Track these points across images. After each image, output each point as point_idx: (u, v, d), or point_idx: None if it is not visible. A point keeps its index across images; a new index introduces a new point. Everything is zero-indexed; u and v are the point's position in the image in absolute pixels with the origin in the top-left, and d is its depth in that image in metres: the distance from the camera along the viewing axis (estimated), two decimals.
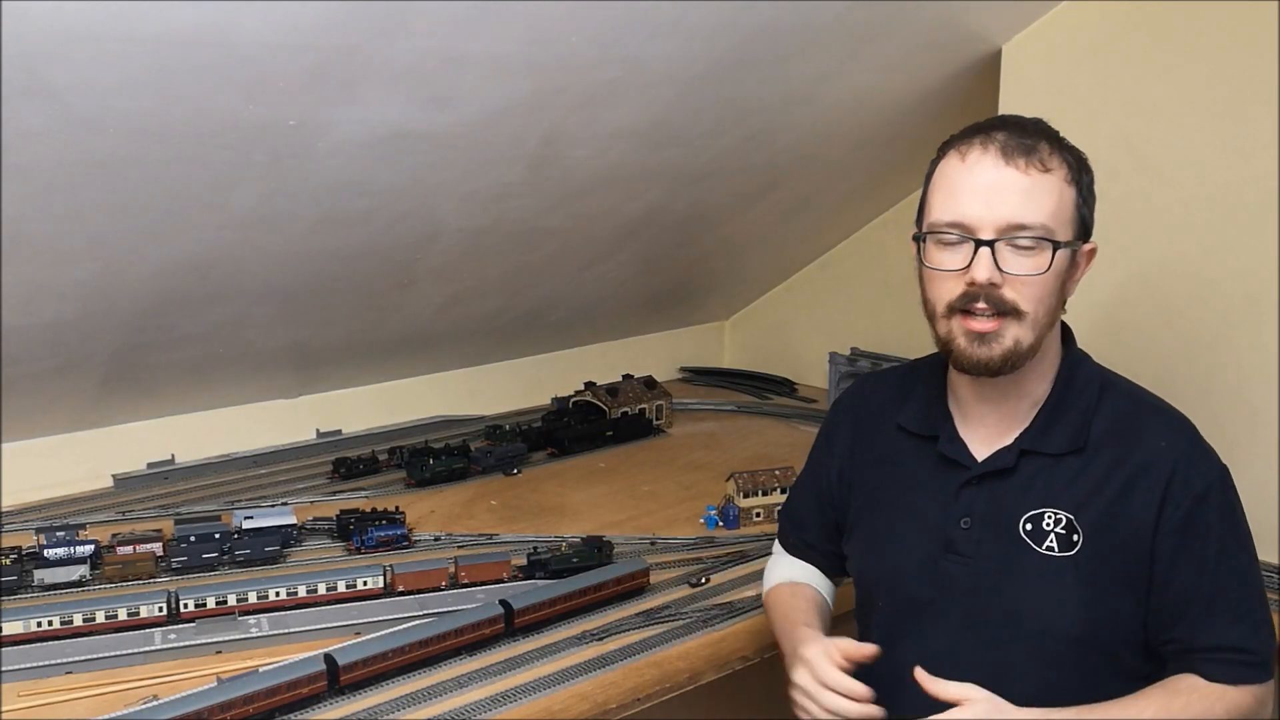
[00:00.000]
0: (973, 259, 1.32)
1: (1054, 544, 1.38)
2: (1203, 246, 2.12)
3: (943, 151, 1.40)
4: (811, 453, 1.72)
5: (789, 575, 1.70)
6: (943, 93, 2.52)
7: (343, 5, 1.54)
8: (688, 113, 2.21)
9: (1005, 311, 1.33)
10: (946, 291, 1.36)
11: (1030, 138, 1.35)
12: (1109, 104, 2.21)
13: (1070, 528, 1.38)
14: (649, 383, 3.04)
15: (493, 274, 2.58)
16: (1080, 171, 1.38)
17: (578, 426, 2.83)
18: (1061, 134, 1.40)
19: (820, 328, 3.33)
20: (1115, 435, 1.40)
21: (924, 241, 1.39)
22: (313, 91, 1.69)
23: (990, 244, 1.32)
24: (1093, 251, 1.41)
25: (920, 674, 1.32)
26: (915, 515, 1.49)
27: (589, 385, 2.99)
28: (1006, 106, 2.35)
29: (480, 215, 2.29)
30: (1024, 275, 1.32)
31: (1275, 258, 2.02)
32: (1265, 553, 2.00)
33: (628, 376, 3.07)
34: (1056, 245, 1.33)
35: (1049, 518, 1.39)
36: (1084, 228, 1.39)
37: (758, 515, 2.30)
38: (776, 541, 1.79)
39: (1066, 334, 1.49)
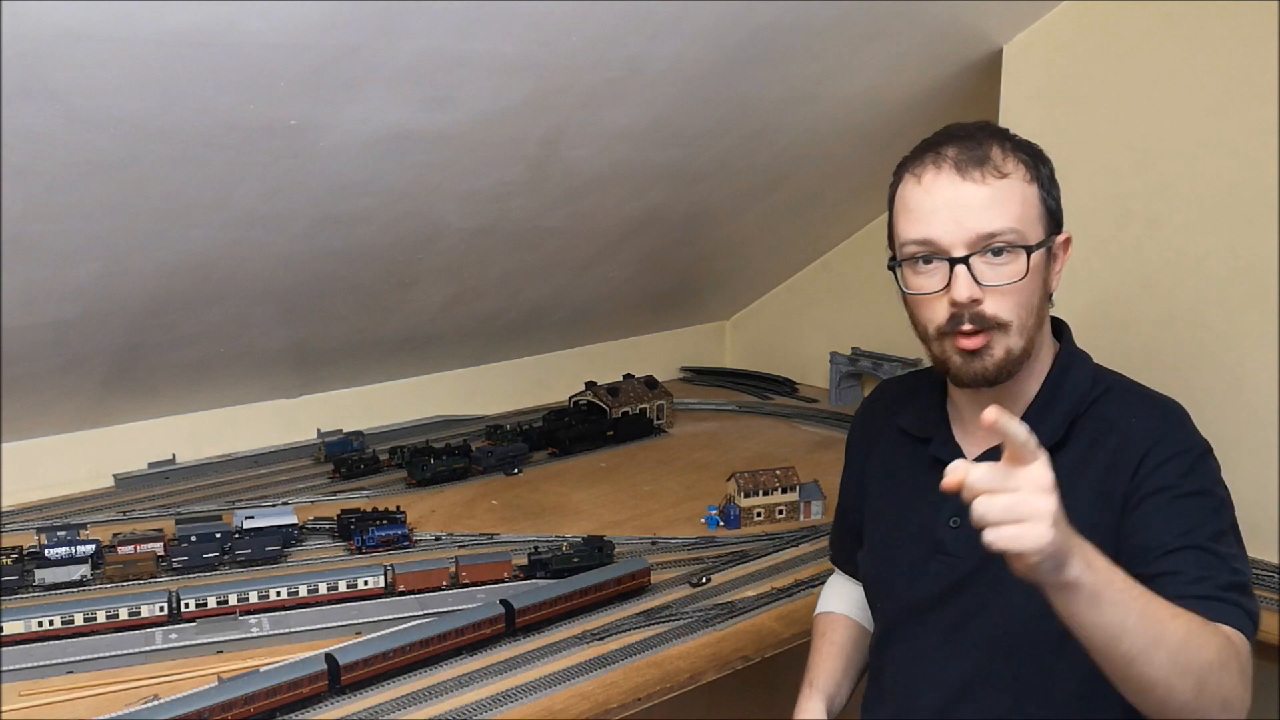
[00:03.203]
0: (950, 279, 1.32)
1: None
2: (1202, 246, 2.12)
3: (898, 175, 1.39)
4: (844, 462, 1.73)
5: (829, 604, 1.71)
6: (944, 92, 2.52)
7: (343, 5, 1.54)
8: (689, 112, 2.21)
9: (990, 326, 1.33)
10: (934, 314, 1.35)
11: (980, 145, 1.33)
12: (1109, 104, 2.21)
13: None
14: (650, 382, 3.04)
15: (493, 274, 2.58)
16: (1037, 165, 1.36)
17: (579, 426, 2.83)
18: (1011, 131, 1.38)
19: (821, 328, 3.33)
20: (1100, 427, 1.39)
21: (900, 269, 1.38)
22: (313, 91, 1.69)
23: (965, 260, 1.31)
24: (1068, 241, 1.40)
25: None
26: (909, 518, 1.49)
27: (590, 385, 2.99)
28: (1007, 106, 2.35)
29: (481, 215, 2.29)
30: (1003, 285, 1.32)
31: (1275, 257, 2.02)
32: (1265, 552, 2.03)
33: (629, 376, 3.06)
34: (1030, 249, 1.32)
35: None
36: (1053, 220, 1.37)
37: (758, 515, 2.30)
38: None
39: (1062, 330, 1.48)
